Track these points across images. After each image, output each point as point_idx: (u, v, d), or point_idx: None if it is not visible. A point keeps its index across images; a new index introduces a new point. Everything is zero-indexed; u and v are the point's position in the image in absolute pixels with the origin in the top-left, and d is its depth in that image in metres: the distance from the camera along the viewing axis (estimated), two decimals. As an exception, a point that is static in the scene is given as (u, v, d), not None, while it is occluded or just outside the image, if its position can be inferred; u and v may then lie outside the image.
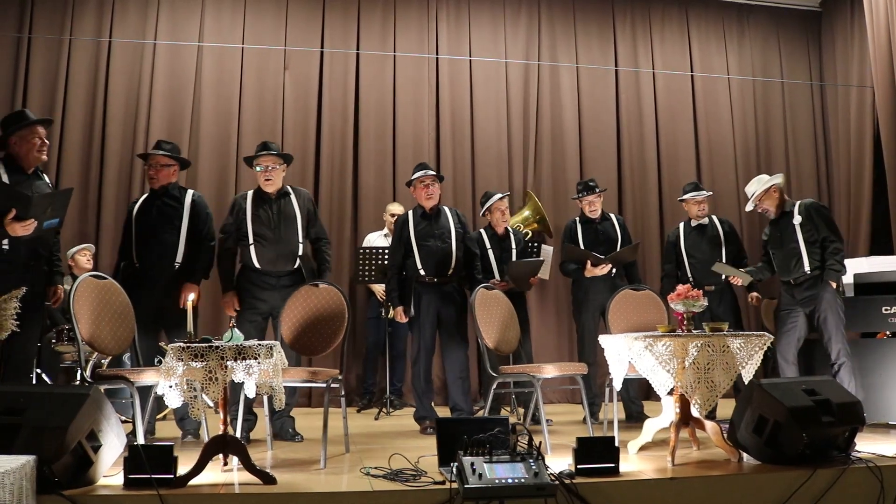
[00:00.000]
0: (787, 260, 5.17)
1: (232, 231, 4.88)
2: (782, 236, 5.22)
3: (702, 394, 3.63)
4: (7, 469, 2.48)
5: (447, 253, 5.23)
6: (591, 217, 5.86)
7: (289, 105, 7.46)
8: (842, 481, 3.25)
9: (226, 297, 4.86)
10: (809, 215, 5.12)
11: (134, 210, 4.90)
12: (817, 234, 5.07)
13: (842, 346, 4.96)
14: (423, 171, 5.35)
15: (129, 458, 3.01)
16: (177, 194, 4.93)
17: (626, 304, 4.98)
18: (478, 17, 7.94)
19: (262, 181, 4.88)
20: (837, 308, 5.00)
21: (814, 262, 5.06)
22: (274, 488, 3.05)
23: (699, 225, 5.91)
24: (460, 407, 5.06)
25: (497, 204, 5.89)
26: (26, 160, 4.20)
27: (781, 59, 8.62)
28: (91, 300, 4.01)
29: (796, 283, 5.11)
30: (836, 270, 5.02)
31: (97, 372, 4.03)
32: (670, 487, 3.21)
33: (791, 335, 5.09)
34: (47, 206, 4.01)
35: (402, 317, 5.20)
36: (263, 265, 4.78)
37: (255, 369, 3.34)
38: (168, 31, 7.31)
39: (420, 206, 5.36)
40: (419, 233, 5.25)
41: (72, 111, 7.04)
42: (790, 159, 8.39)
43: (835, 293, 5.03)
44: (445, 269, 5.22)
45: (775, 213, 5.26)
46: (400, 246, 5.28)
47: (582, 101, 8.06)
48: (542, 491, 2.82)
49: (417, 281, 5.21)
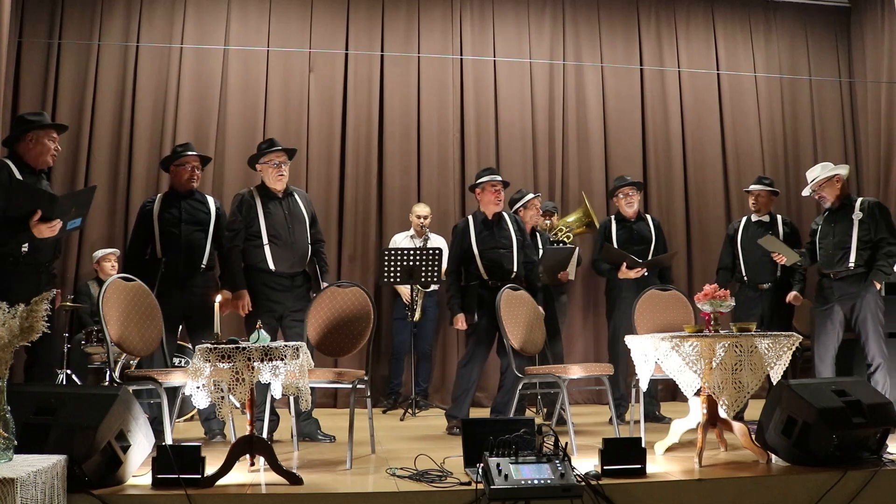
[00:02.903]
0: (833, 253, 5.05)
1: (240, 229, 4.76)
2: (835, 228, 5.10)
3: (729, 395, 3.60)
4: (39, 468, 2.51)
5: (508, 260, 5.19)
6: (628, 215, 5.80)
7: (314, 107, 7.49)
8: (873, 484, 3.20)
9: (240, 295, 4.71)
10: (872, 214, 5.00)
11: (155, 209, 4.84)
12: (873, 234, 4.96)
13: (879, 347, 4.88)
14: (491, 175, 5.29)
15: (158, 458, 3.04)
16: (200, 198, 4.97)
17: (652, 304, 4.94)
18: (502, 17, 7.93)
19: (273, 177, 4.81)
20: (878, 309, 4.92)
21: (860, 260, 4.95)
22: (300, 489, 3.07)
23: (759, 221, 5.81)
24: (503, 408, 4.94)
25: (533, 201, 5.91)
26: (37, 161, 4.18)
27: (809, 56, 8.50)
28: (119, 302, 4.06)
29: (837, 278, 5.02)
30: (886, 273, 4.92)
31: (126, 373, 4.08)
32: (698, 489, 3.19)
33: (830, 336, 5.00)
34: (71, 206, 4.02)
35: (463, 324, 5.14)
36: (279, 267, 4.74)
37: (281, 370, 3.36)
38: (194, 36, 7.37)
39: (481, 213, 5.29)
40: (481, 240, 5.19)
41: (100, 115, 7.12)
42: (819, 158, 8.26)
43: (877, 293, 4.94)
44: (507, 277, 5.16)
45: (833, 203, 5.14)
46: (459, 253, 5.23)
47: (607, 100, 8.01)
48: (569, 492, 2.81)
49: (481, 286, 5.15)
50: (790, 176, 8.19)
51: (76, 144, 6.92)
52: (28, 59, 7.03)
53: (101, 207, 6.94)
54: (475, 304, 5.14)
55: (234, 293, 4.72)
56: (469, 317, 5.15)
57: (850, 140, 8.42)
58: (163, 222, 4.81)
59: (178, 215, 4.83)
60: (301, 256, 4.82)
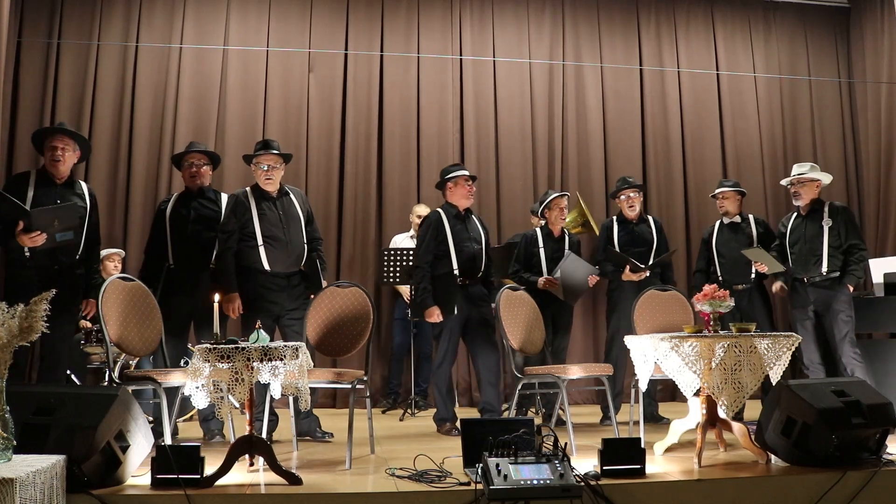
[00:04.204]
0: (806, 258, 5.19)
1: (234, 230, 4.72)
2: (806, 234, 5.21)
3: (729, 395, 3.60)
4: (38, 468, 2.51)
5: (479, 254, 5.22)
6: (629, 216, 5.80)
7: (313, 107, 7.49)
8: (873, 484, 3.20)
9: (231, 298, 4.63)
10: (840, 220, 5.11)
11: (168, 210, 4.86)
12: (843, 240, 5.08)
13: (852, 348, 5.02)
14: (462, 170, 5.32)
15: (157, 458, 3.04)
16: (212, 196, 4.96)
17: (652, 304, 4.94)
18: (501, 18, 7.93)
19: (262, 180, 4.80)
20: (850, 310, 5.09)
21: (833, 265, 5.09)
22: (300, 489, 3.07)
23: (732, 223, 5.85)
24: (493, 407, 4.99)
25: (556, 201, 5.82)
26: (50, 171, 4.45)
27: (809, 56, 8.50)
28: (119, 302, 4.06)
29: (810, 283, 5.11)
30: (858, 276, 5.11)
31: (125, 373, 4.08)
32: (697, 489, 3.18)
33: (809, 338, 5.12)
34: (52, 219, 4.21)
35: (438, 317, 5.08)
36: (274, 267, 4.72)
37: (280, 370, 3.36)
38: (194, 35, 7.37)
39: (452, 206, 5.28)
40: (455, 233, 5.20)
41: (99, 115, 7.12)
42: (818, 158, 8.26)
43: (850, 296, 5.07)
44: (476, 271, 5.20)
45: (804, 207, 5.22)
46: (434, 246, 5.19)
47: (607, 100, 8.01)
48: (568, 492, 2.81)
49: (451, 282, 5.13)
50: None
51: (76, 144, 6.90)
52: (28, 59, 7.03)
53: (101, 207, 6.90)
54: (449, 298, 5.08)
55: (225, 295, 4.60)
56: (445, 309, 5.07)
57: (849, 140, 8.42)
58: (174, 222, 4.82)
59: (188, 215, 4.84)
60: (297, 256, 4.81)
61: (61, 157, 4.41)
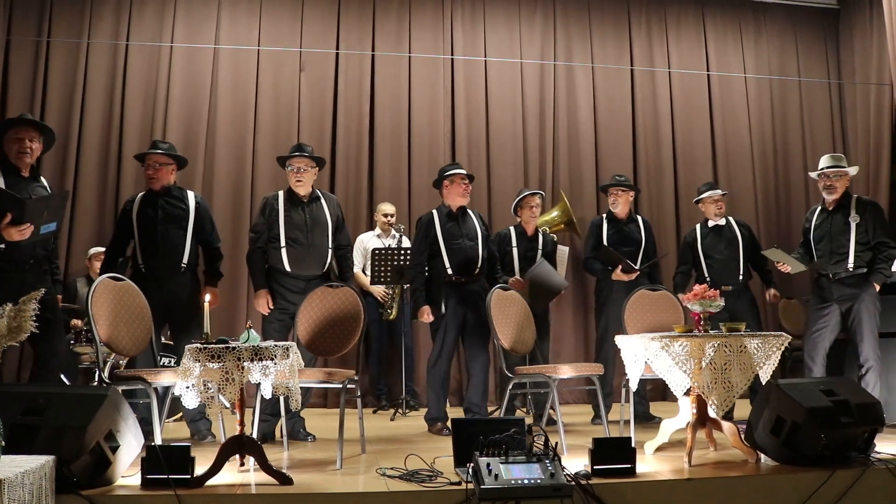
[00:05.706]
0: (832, 254, 5.05)
1: (263, 231, 4.87)
2: (832, 229, 5.09)
3: (719, 394, 3.61)
4: (27, 469, 2.50)
5: (474, 252, 5.22)
6: (616, 213, 5.81)
7: (304, 107, 7.48)
8: (861, 482, 3.22)
9: (259, 295, 4.83)
10: (868, 216, 4.99)
11: (133, 209, 4.81)
12: (871, 237, 4.96)
13: (873, 348, 4.89)
14: (457, 168, 5.35)
15: (147, 458, 3.03)
16: (178, 195, 4.91)
17: (642, 304, 4.95)
18: (493, 18, 7.93)
19: (293, 182, 4.91)
20: (875, 310, 4.93)
21: (859, 262, 4.94)
22: (290, 489, 3.07)
23: (716, 226, 5.87)
24: (478, 407, 5.03)
25: (527, 200, 5.83)
26: (15, 161, 4.26)
27: (798, 57, 8.54)
28: (109, 301, 4.04)
29: (835, 279, 5.02)
30: (886, 275, 4.93)
31: (115, 373, 4.06)
32: (687, 488, 3.20)
33: (823, 335, 4.99)
34: (43, 210, 4.03)
35: (430, 316, 5.11)
36: (294, 268, 4.81)
37: (271, 370, 3.35)
38: (184, 35, 7.34)
39: (446, 206, 5.32)
40: (447, 232, 5.22)
41: (89, 114, 7.09)
42: (807, 158, 8.31)
43: (876, 295, 4.94)
44: (472, 269, 5.21)
45: (835, 199, 5.10)
46: (426, 246, 5.23)
47: (598, 100, 8.03)
48: (559, 492, 2.82)
49: (446, 281, 5.16)
50: (779, 176, 8.24)
51: (65, 143, 6.87)
52: (16, 58, 7.00)
53: (90, 206, 6.92)
54: (441, 297, 5.13)
55: (255, 291, 4.87)
56: (435, 310, 5.12)
57: (838, 141, 8.47)
58: (141, 222, 4.78)
59: (155, 215, 4.78)
60: (318, 260, 4.87)
61: (29, 149, 4.26)
